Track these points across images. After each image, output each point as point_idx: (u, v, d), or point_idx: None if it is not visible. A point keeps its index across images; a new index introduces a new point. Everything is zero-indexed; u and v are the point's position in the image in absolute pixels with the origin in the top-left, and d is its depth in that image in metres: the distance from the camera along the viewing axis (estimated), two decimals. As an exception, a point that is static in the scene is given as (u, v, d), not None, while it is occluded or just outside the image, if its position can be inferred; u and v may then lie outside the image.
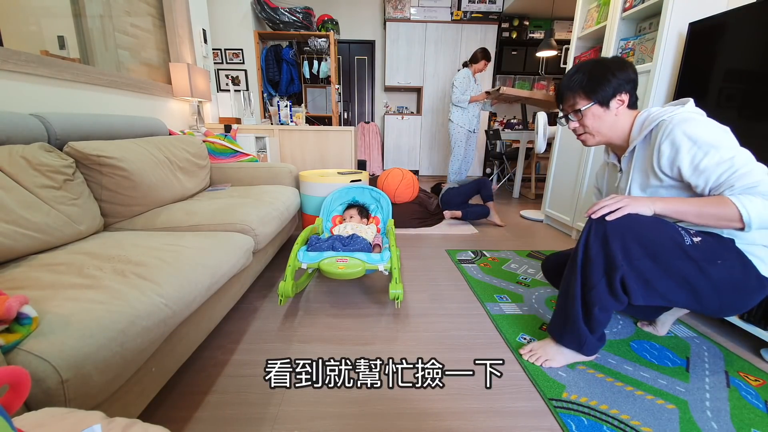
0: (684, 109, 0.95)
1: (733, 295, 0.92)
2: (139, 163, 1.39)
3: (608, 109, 1.02)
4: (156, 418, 0.90)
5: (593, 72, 1.02)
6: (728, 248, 0.91)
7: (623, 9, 1.98)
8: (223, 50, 3.65)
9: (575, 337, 1.04)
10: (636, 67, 1.06)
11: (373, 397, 0.98)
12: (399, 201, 2.65)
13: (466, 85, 3.35)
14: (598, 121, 1.04)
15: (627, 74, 1.01)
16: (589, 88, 1.02)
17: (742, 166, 0.85)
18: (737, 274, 0.90)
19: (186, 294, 0.87)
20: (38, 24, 1.59)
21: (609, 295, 0.95)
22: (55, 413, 0.45)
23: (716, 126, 0.91)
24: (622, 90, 1.01)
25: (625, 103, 1.02)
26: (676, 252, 0.89)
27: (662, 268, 0.90)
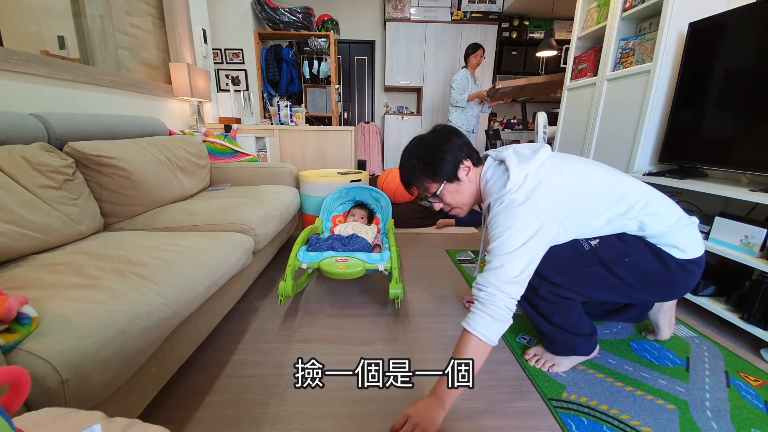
0: (506, 191, 0.90)
1: (660, 284, 0.96)
2: (139, 163, 1.39)
3: (460, 182, 1.01)
4: (156, 418, 0.90)
5: (425, 157, 1.01)
6: (635, 245, 0.93)
7: (623, 9, 1.98)
8: (223, 50, 3.64)
9: (563, 345, 1.06)
10: (457, 129, 1.05)
11: (373, 397, 0.98)
12: (399, 201, 2.65)
13: (464, 86, 3.34)
14: (458, 196, 1.04)
15: (453, 144, 1.01)
16: (431, 173, 1.01)
17: (495, 258, 0.85)
18: (654, 266, 0.93)
19: (186, 294, 0.87)
20: (38, 24, 1.59)
21: (552, 305, 1.00)
22: (55, 413, 0.45)
23: (516, 214, 0.87)
24: (460, 159, 1.00)
25: (470, 168, 1.01)
26: (580, 260, 0.94)
27: (575, 278, 0.95)
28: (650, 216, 0.91)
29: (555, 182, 0.91)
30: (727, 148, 1.45)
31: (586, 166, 0.98)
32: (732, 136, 1.43)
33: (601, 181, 0.94)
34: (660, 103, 1.77)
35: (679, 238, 0.92)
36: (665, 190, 1.76)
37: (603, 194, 0.93)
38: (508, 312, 0.85)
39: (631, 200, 0.92)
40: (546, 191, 0.89)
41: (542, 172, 0.92)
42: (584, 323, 1.05)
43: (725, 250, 1.30)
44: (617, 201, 0.92)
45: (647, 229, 0.91)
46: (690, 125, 1.60)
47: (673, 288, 0.99)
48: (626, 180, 0.96)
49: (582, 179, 0.93)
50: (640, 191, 0.94)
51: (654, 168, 1.85)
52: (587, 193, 0.92)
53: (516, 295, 0.85)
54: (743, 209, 1.50)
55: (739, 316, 1.23)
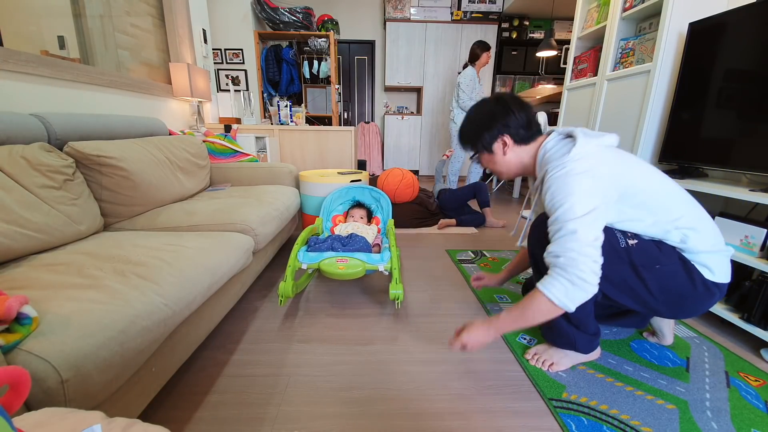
0: (569, 158, 0.91)
1: (680, 300, 0.95)
2: (139, 163, 1.39)
3: (494, 154, 1.08)
4: (156, 418, 0.90)
5: (470, 125, 1.11)
6: (669, 255, 0.93)
7: (623, 9, 1.98)
8: (223, 50, 3.65)
9: (565, 337, 1.06)
10: (516, 103, 1.05)
11: (373, 397, 0.98)
12: (399, 201, 2.65)
13: (472, 87, 3.25)
14: (492, 163, 1.12)
15: (497, 121, 1.04)
16: (470, 142, 1.12)
17: (565, 225, 0.86)
18: (681, 279, 0.92)
19: (186, 294, 0.87)
20: (38, 24, 1.59)
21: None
22: (55, 413, 0.45)
23: (579, 182, 0.88)
24: (498, 136, 1.05)
25: (509, 144, 1.05)
26: (611, 254, 0.90)
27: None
28: (695, 231, 0.91)
29: (617, 164, 0.92)
30: (727, 148, 1.45)
31: (648, 166, 0.98)
32: (732, 136, 1.43)
33: (659, 183, 0.95)
34: (660, 103, 1.77)
35: (713, 260, 0.92)
36: (665, 190, 1.75)
37: (659, 195, 0.93)
38: (594, 276, 0.84)
39: (683, 211, 0.93)
40: (608, 168, 0.91)
41: (607, 152, 0.94)
42: (591, 322, 1.04)
43: (725, 250, 1.30)
44: (670, 207, 0.93)
45: (688, 242, 0.91)
46: (690, 125, 1.60)
47: (690, 306, 0.97)
48: (681, 191, 0.96)
49: (644, 173, 0.95)
50: (692, 204, 0.95)
51: (654, 168, 1.85)
52: (645, 188, 0.93)
53: (599, 259, 0.85)
54: (743, 209, 1.50)
55: (739, 316, 1.23)
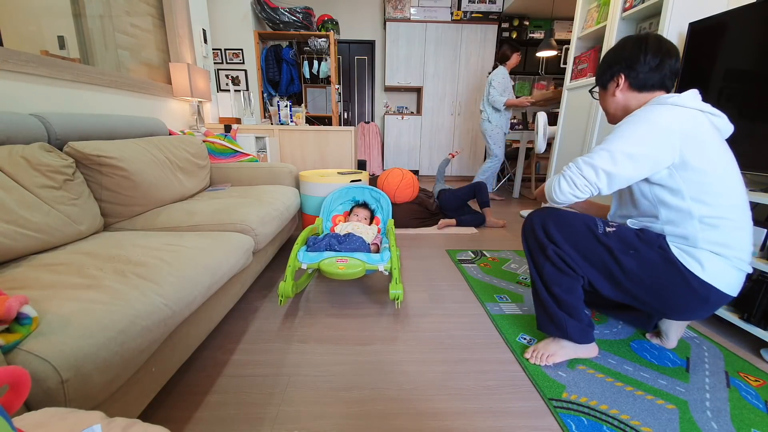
0: (673, 99, 0.96)
1: (661, 290, 0.96)
2: (139, 163, 1.39)
3: (606, 91, 1.11)
4: (156, 418, 0.90)
5: (600, 63, 1.13)
6: (648, 243, 0.96)
7: (623, 9, 1.98)
8: (223, 50, 3.65)
9: (557, 324, 1.08)
10: (648, 38, 1.02)
11: (373, 397, 0.98)
12: (399, 201, 2.65)
13: (504, 85, 3.25)
14: (602, 102, 1.15)
15: (621, 55, 1.05)
16: (597, 73, 1.14)
17: (596, 150, 0.96)
18: (660, 268, 0.94)
19: (186, 294, 0.87)
20: (38, 24, 1.59)
21: (556, 271, 1.04)
22: (55, 413, 0.45)
23: (643, 121, 0.93)
24: (615, 73, 1.06)
25: (620, 85, 1.05)
26: (590, 238, 1.00)
27: (581, 253, 1.01)
28: (712, 229, 0.91)
29: (699, 133, 0.91)
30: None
31: (730, 158, 0.96)
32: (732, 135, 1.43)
33: (735, 181, 0.93)
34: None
35: (712, 261, 0.91)
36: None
37: (717, 186, 0.91)
38: (569, 181, 0.97)
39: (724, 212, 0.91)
40: (681, 129, 0.90)
41: (700, 119, 0.93)
42: (582, 310, 1.07)
43: (725, 250, 1.30)
44: (716, 203, 0.91)
45: (696, 234, 0.92)
46: (690, 125, 1.60)
47: (673, 299, 0.96)
48: (743, 196, 0.95)
49: (722, 161, 0.92)
50: (739, 211, 0.92)
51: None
52: (708, 172, 0.90)
53: (587, 174, 0.94)
54: (743, 209, 1.50)
55: (739, 316, 1.23)
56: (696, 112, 0.94)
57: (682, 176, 0.91)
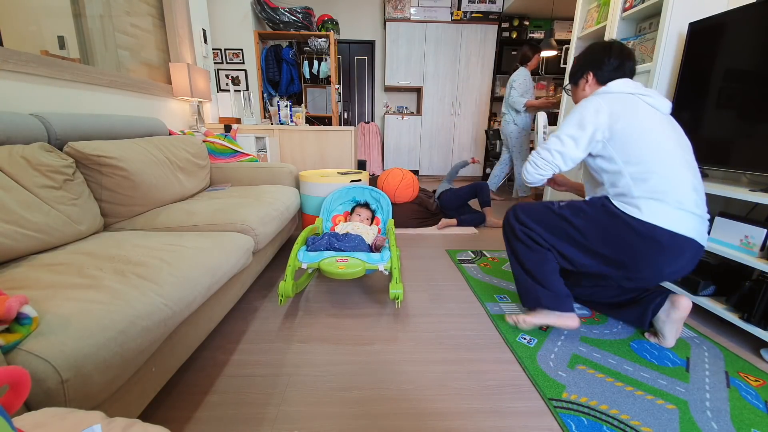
0: (600, 89, 1.21)
1: (613, 242, 1.12)
2: (139, 163, 1.39)
3: (577, 87, 1.34)
4: (156, 418, 0.90)
5: (572, 65, 1.36)
6: (593, 204, 1.17)
7: (623, 9, 1.98)
8: (223, 50, 3.65)
9: (531, 294, 1.25)
10: (613, 45, 1.25)
11: (373, 397, 0.98)
12: (399, 201, 2.65)
13: (525, 87, 3.21)
14: (574, 96, 1.38)
15: (587, 57, 1.29)
16: (570, 72, 1.37)
17: (550, 137, 1.21)
18: (603, 221, 1.13)
19: (186, 294, 0.87)
20: (38, 24, 1.58)
21: (526, 248, 1.24)
22: (55, 413, 0.45)
23: (580, 109, 1.17)
24: (586, 71, 1.29)
25: (589, 81, 1.29)
26: (548, 213, 1.22)
27: (543, 225, 1.22)
28: (642, 182, 1.09)
29: (624, 111, 1.13)
30: (727, 148, 1.45)
31: (664, 129, 1.13)
32: (732, 136, 1.43)
33: (662, 144, 1.10)
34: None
35: (648, 205, 1.07)
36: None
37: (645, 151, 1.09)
38: (533, 164, 1.24)
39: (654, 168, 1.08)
40: (609, 109, 1.13)
41: (624, 99, 1.15)
42: (554, 281, 1.22)
43: (725, 250, 1.30)
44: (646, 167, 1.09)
45: (629, 189, 1.10)
46: (690, 125, 1.59)
47: (627, 250, 1.10)
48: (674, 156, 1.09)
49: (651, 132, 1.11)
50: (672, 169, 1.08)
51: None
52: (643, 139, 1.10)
53: (544, 156, 1.20)
54: (743, 209, 1.50)
55: (739, 316, 1.23)
56: (625, 95, 1.16)
57: (612, 146, 1.13)
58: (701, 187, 1.12)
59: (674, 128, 1.16)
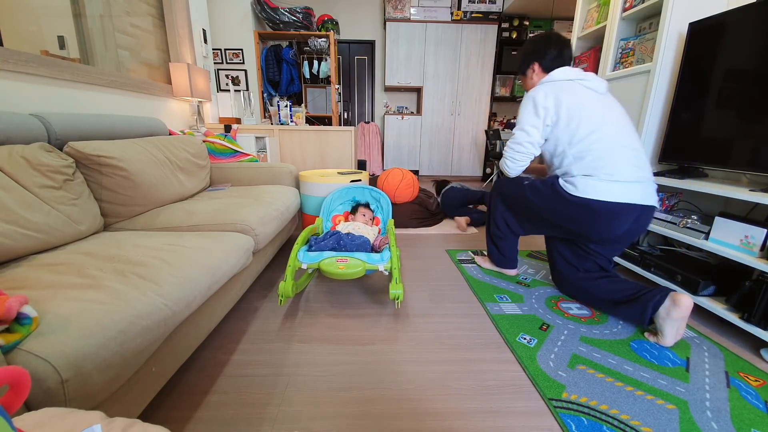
0: (544, 78, 1.42)
1: (561, 216, 1.37)
2: (139, 163, 1.39)
3: (525, 76, 1.55)
4: (156, 418, 0.90)
5: (519, 58, 1.58)
6: (545, 183, 1.40)
7: (623, 9, 1.98)
8: (223, 50, 3.65)
9: (489, 250, 1.77)
10: (554, 39, 1.46)
11: (373, 397, 0.98)
12: (399, 201, 2.65)
13: None
14: (524, 84, 1.59)
15: (531, 48, 1.49)
16: (519, 64, 1.58)
17: (516, 128, 1.43)
18: (551, 198, 1.38)
19: (186, 294, 0.87)
20: (38, 24, 1.59)
21: (495, 227, 1.67)
22: (55, 413, 0.45)
23: (534, 95, 1.37)
24: (531, 61, 1.49)
25: (535, 70, 1.48)
26: (516, 184, 1.51)
27: (514, 210, 1.56)
28: (578, 160, 1.30)
29: (566, 98, 1.32)
30: (727, 148, 1.45)
31: (606, 112, 1.31)
32: (732, 136, 1.43)
33: (599, 125, 1.29)
34: (660, 103, 1.77)
35: (581, 182, 1.29)
36: (666, 190, 1.76)
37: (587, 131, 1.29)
38: (511, 159, 1.46)
39: (590, 149, 1.29)
40: (555, 97, 1.33)
41: (565, 86, 1.35)
42: (508, 250, 1.70)
43: (725, 250, 1.30)
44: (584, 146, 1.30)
45: (569, 169, 1.33)
46: (690, 125, 1.60)
47: (573, 218, 1.34)
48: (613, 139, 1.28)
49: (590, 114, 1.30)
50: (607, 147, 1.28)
51: (654, 168, 1.85)
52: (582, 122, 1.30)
53: (518, 149, 1.43)
54: (743, 209, 1.50)
55: (739, 316, 1.23)
56: (566, 82, 1.35)
57: (558, 130, 1.32)
58: (639, 154, 1.30)
59: (611, 106, 1.34)
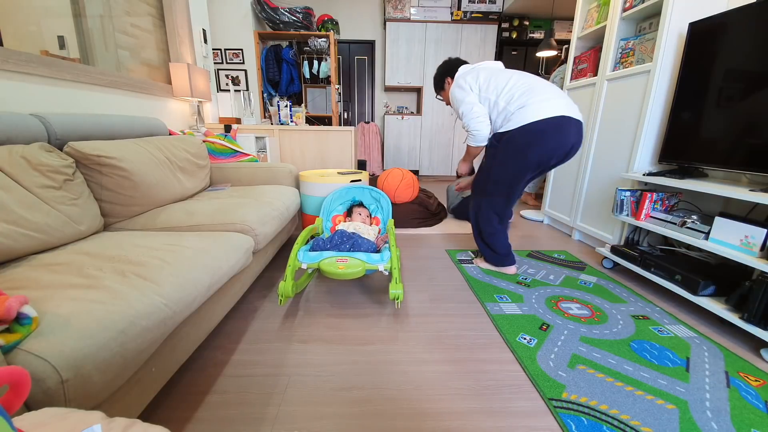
0: (457, 74, 1.72)
1: (516, 154, 1.56)
2: (139, 163, 1.39)
3: (443, 90, 1.86)
4: (156, 418, 0.90)
5: (434, 80, 1.88)
6: (493, 146, 1.66)
7: (623, 9, 1.98)
8: (223, 50, 3.64)
9: (483, 251, 1.83)
10: (456, 59, 1.81)
11: (373, 397, 0.98)
12: (399, 201, 2.65)
13: None
14: (444, 97, 1.88)
15: (443, 69, 1.81)
16: (436, 85, 1.89)
17: (461, 110, 1.65)
18: (503, 148, 1.59)
19: (186, 294, 0.87)
20: (38, 24, 1.59)
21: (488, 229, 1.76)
22: (55, 413, 0.45)
23: (459, 84, 1.66)
24: (444, 78, 1.81)
25: (449, 82, 1.79)
26: (483, 174, 1.73)
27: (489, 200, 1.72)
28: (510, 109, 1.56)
29: (479, 76, 1.63)
30: (727, 148, 1.45)
31: (510, 74, 1.61)
32: (732, 136, 1.43)
33: (506, 81, 1.58)
34: (660, 103, 1.77)
35: (520, 113, 1.51)
36: (665, 190, 1.76)
37: (503, 88, 1.57)
38: (477, 125, 1.63)
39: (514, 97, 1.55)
40: (471, 78, 1.64)
41: (476, 71, 1.68)
42: (500, 246, 1.75)
43: (725, 250, 1.30)
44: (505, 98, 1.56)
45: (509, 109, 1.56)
46: (690, 125, 1.60)
47: (529, 150, 1.53)
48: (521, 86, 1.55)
49: (498, 77, 1.60)
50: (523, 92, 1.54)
51: (654, 168, 1.85)
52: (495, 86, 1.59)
53: (476, 126, 1.63)
54: (743, 209, 1.50)
55: (739, 316, 1.23)
56: (470, 68, 1.70)
57: (486, 92, 1.59)
58: (553, 86, 1.55)
59: (511, 74, 1.61)
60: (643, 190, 1.73)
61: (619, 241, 1.95)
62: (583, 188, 2.31)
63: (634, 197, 1.76)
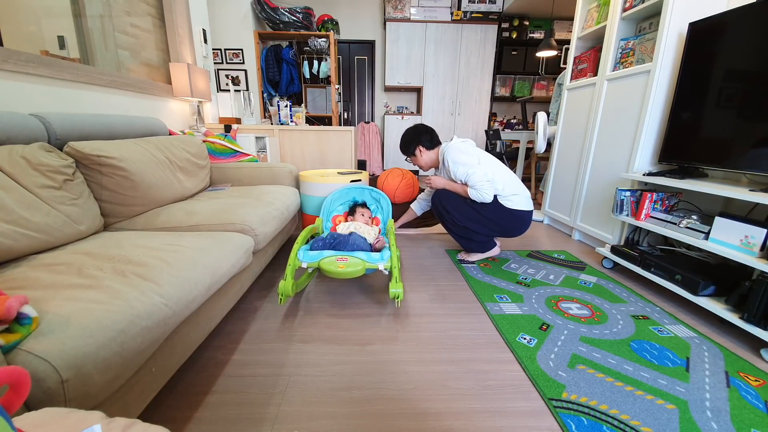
0: (450, 144, 1.88)
1: (503, 222, 1.82)
2: (139, 163, 1.39)
3: (415, 156, 1.99)
4: (156, 418, 0.90)
5: (402, 146, 2.02)
6: (494, 203, 1.79)
7: (623, 9, 1.98)
8: (223, 50, 3.65)
9: (466, 246, 1.98)
10: (425, 128, 1.99)
11: (373, 397, 0.98)
12: (399, 201, 2.65)
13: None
14: (416, 162, 2.02)
15: (415, 140, 1.96)
16: (404, 151, 2.02)
17: (472, 174, 1.77)
18: (498, 212, 1.80)
19: (186, 294, 0.87)
20: (38, 24, 1.58)
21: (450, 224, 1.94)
22: (55, 413, 0.45)
23: (464, 151, 1.83)
24: (416, 147, 1.96)
25: (423, 150, 1.96)
26: (464, 203, 1.83)
27: (460, 211, 1.84)
28: (501, 185, 1.80)
29: (472, 147, 1.88)
30: (727, 148, 1.45)
31: (487, 155, 1.88)
32: (732, 136, 1.43)
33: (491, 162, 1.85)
34: (660, 103, 1.77)
35: (511, 200, 1.79)
36: (665, 190, 1.76)
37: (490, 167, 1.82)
38: (485, 190, 1.75)
39: (499, 177, 1.81)
40: (468, 147, 1.86)
41: (465, 143, 1.90)
42: (482, 241, 1.93)
43: (725, 250, 1.30)
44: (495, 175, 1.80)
45: (501, 192, 1.80)
46: (690, 125, 1.60)
47: (511, 225, 1.84)
48: (501, 169, 1.85)
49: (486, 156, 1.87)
50: (507, 176, 1.85)
51: (654, 168, 1.85)
52: (485, 161, 1.83)
53: (487, 186, 1.76)
54: (743, 209, 1.50)
55: (739, 316, 1.23)
56: (462, 142, 1.88)
57: (484, 166, 1.80)
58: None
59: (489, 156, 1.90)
60: (643, 190, 1.73)
61: (619, 241, 1.95)
62: (583, 188, 2.31)
63: (634, 197, 1.76)
